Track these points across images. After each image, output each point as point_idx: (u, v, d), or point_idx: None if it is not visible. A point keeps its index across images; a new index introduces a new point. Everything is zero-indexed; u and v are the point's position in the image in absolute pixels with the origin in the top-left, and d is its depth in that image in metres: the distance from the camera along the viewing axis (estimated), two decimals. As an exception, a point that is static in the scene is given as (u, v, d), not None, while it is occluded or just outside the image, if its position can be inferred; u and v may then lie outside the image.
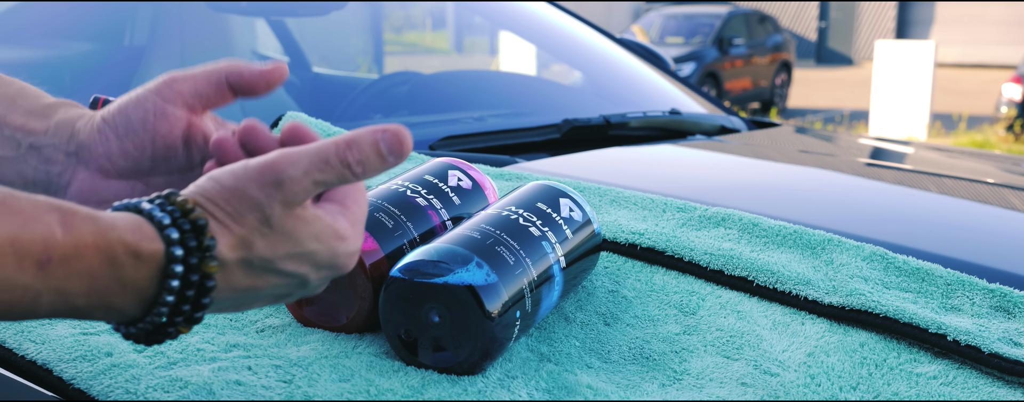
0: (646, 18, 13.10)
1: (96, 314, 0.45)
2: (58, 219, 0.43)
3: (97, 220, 0.44)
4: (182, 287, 0.45)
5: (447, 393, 0.58)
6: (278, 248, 0.48)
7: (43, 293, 0.42)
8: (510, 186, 0.98)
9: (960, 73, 17.94)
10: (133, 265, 0.44)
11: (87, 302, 0.44)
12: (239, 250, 0.47)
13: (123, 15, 1.77)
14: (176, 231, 0.45)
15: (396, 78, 2.02)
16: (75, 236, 0.43)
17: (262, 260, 0.48)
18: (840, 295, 0.72)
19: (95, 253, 0.43)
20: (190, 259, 0.45)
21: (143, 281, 0.45)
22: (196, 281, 0.45)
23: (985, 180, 1.40)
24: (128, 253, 0.44)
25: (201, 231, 0.45)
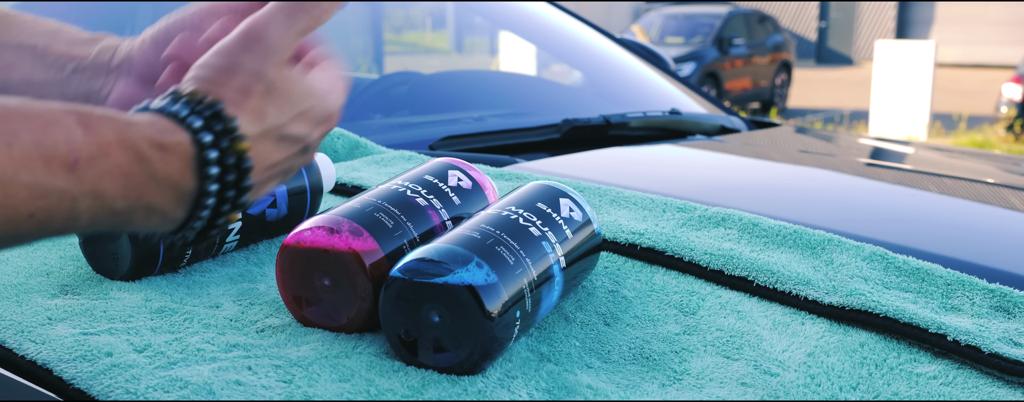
0: (646, 18, 13.10)
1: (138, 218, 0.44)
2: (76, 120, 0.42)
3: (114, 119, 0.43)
4: (222, 172, 0.45)
5: (447, 393, 0.58)
6: (285, 110, 0.48)
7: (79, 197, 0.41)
8: (510, 186, 0.98)
9: (960, 73, 17.94)
10: (161, 158, 0.44)
11: (125, 204, 0.43)
12: (256, 123, 0.47)
13: (123, 15, 1.77)
14: (198, 119, 0.45)
15: (396, 78, 2.02)
16: (97, 135, 0.42)
17: (275, 127, 0.48)
18: (840, 295, 0.72)
19: (120, 150, 0.43)
20: (221, 142, 0.45)
21: (176, 174, 0.44)
22: (233, 163, 0.45)
23: (985, 180, 1.40)
24: (153, 146, 0.44)
25: (220, 114, 0.45)
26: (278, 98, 0.48)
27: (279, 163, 0.50)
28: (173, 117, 0.45)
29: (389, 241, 0.67)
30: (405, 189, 0.73)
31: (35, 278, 0.76)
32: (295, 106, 0.49)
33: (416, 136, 1.44)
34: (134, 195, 0.43)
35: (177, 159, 0.44)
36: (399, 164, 1.10)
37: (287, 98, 0.48)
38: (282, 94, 0.48)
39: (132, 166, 0.43)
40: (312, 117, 0.50)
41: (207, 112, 0.45)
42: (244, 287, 0.75)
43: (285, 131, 0.49)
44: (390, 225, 0.68)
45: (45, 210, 0.41)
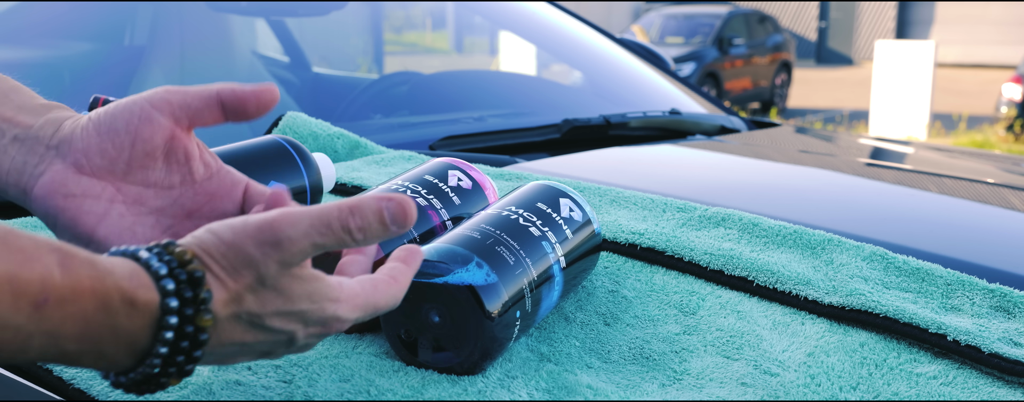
0: (646, 18, 13.10)
1: (85, 360, 0.44)
2: (57, 260, 0.42)
3: (95, 264, 0.43)
4: (176, 339, 0.45)
5: (447, 393, 0.58)
6: (268, 304, 0.48)
7: (35, 335, 0.41)
8: (510, 186, 0.98)
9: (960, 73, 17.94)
10: (127, 313, 0.43)
11: (78, 348, 0.43)
12: (231, 306, 0.47)
13: (123, 15, 1.77)
14: (172, 282, 0.45)
15: (396, 78, 2.02)
16: (73, 279, 0.42)
17: (251, 315, 0.47)
18: (840, 295, 0.72)
19: (91, 298, 0.42)
20: (185, 310, 0.45)
21: (136, 330, 0.44)
22: (190, 333, 0.45)
23: (985, 180, 1.40)
24: (123, 301, 0.43)
25: (198, 283, 0.45)
26: (267, 292, 0.47)
27: (248, 344, 0.49)
28: (152, 274, 0.45)
29: (389, 241, 0.67)
30: (405, 189, 0.73)
31: (35, 278, 0.76)
32: (284, 304, 0.48)
33: (416, 136, 1.44)
34: (89, 341, 0.43)
35: (140, 317, 0.44)
36: (399, 164, 1.10)
37: (278, 294, 0.48)
38: (273, 289, 0.47)
39: (97, 315, 0.42)
40: (303, 318, 0.49)
41: (184, 276, 0.45)
42: (244, 287, 0.75)
43: (263, 321, 0.48)
44: (390, 225, 0.68)
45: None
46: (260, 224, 0.47)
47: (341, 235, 0.47)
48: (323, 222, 0.47)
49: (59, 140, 0.56)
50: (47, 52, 1.63)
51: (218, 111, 0.57)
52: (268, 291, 0.47)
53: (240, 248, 0.46)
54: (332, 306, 0.50)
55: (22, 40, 1.63)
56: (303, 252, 0.47)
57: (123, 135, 0.55)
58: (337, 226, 0.47)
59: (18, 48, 1.61)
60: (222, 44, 1.78)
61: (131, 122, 0.55)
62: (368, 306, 0.51)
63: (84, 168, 0.56)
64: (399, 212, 0.48)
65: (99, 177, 0.56)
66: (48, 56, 1.61)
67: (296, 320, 0.49)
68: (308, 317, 0.49)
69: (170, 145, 0.57)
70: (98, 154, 0.55)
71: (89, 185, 0.55)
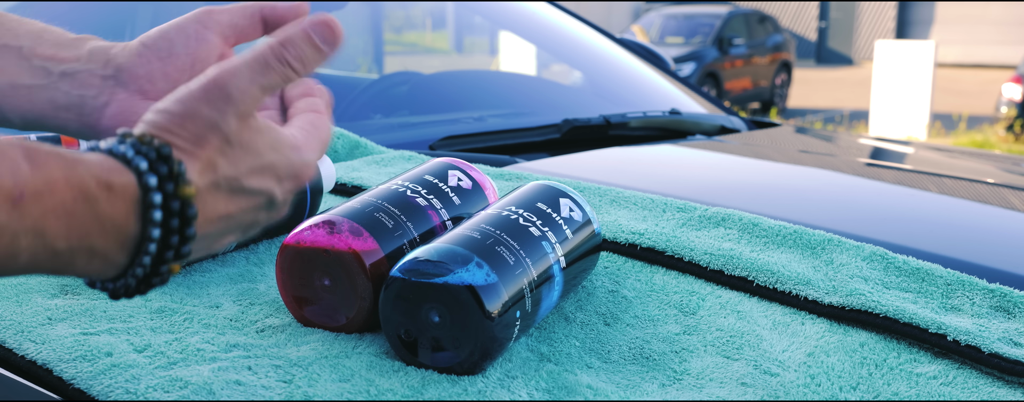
0: (646, 18, 13.10)
1: (79, 261, 0.43)
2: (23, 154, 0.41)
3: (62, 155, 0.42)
4: (165, 217, 0.44)
5: (447, 393, 0.58)
6: (241, 163, 0.47)
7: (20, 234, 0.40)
8: (510, 186, 0.98)
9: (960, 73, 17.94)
10: (107, 198, 0.42)
11: (67, 245, 0.42)
12: (207, 173, 0.46)
13: (123, 15, 1.77)
14: (144, 160, 0.44)
15: (396, 78, 2.02)
16: (44, 171, 0.41)
17: (228, 179, 0.47)
18: (840, 295, 0.72)
19: (66, 188, 0.41)
20: (166, 186, 0.44)
21: (120, 216, 0.43)
22: (177, 209, 0.44)
23: (985, 180, 1.40)
24: (100, 186, 0.42)
25: (168, 158, 0.44)
26: (234, 150, 0.47)
27: (234, 215, 0.48)
28: (120, 158, 0.44)
29: (389, 241, 0.67)
30: (405, 189, 0.73)
31: (35, 278, 0.76)
32: (255, 159, 0.48)
33: (416, 136, 1.44)
34: (77, 236, 0.42)
35: (121, 200, 0.43)
36: (399, 164, 1.10)
37: (245, 150, 0.47)
38: (240, 146, 0.47)
39: (77, 205, 0.42)
40: (276, 172, 0.49)
41: (153, 155, 0.44)
42: (244, 287, 0.75)
43: (241, 183, 0.47)
44: (390, 225, 0.68)
45: None
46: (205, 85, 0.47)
47: (282, 70, 0.48)
48: (261, 62, 0.48)
49: (115, 69, 0.57)
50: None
51: (260, 26, 0.59)
52: (235, 149, 0.47)
53: (195, 114, 0.46)
54: (296, 153, 0.50)
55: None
56: (255, 98, 0.47)
57: (183, 57, 0.57)
58: (274, 61, 0.48)
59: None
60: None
61: (188, 44, 0.57)
62: (322, 142, 0.53)
63: (149, 93, 0.56)
64: (326, 32, 0.49)
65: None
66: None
67: (270, 175, 0.49)
68: (279, 169, 0.49)
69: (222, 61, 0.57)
70: (162, 79, 0.56)
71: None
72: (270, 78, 0.48)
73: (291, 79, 0.49)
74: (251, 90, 0.47)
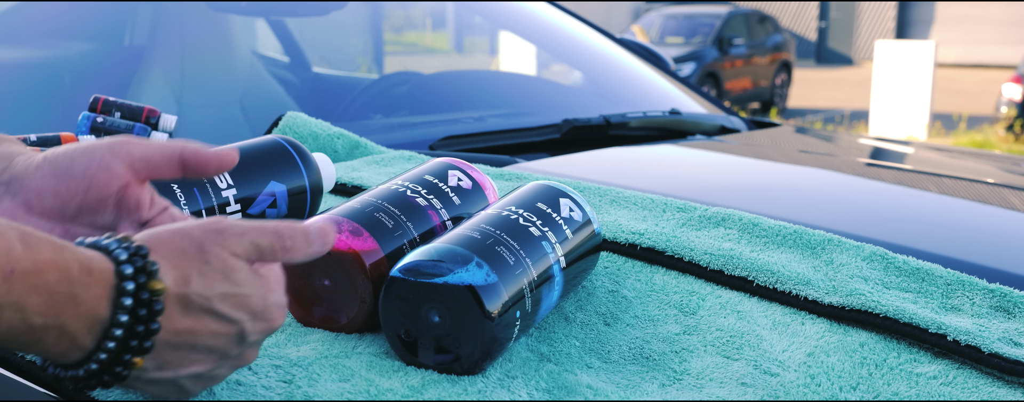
0: (646, 18, 13.10)
1: (50, 338, 0.46)
2: (17, 235, 0.44)
3: (53, 241, 0.46)
4: (135, 305, 0.47)
5: (447, 393, 0.58)
6: (215, 285, 0.50)
7: (4, 307, 0.43)
8: (510, 186, 0.98)
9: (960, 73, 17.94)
10: (85, 282, 0.46)
11: (43, 321, 0.45)
12: (180, 285, 0.49)
13: (123, 15, 1.77)
14: (124, 252, 0.48)
15: (396, 78, 2.02)
16: (34, 252, 0.44)
17: (200, 296, 0.49)
18: (840, 295, 0.72)
19: (53, 269, 0.45)
20: (139, 278, 0.47)
21: (93, 300, 0.46)
22: (146, 300, 0.47)
23: (985, 180, 1.40)
24: (82, 269, 0.46)
25: (144, 255, 0.48)
26: (212, 272, 0.50)
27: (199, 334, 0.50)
28: (103, 249, 0.48)
29: (389, 241, 0.67)
30: (405, 189, 0.73)
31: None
32: (230, 286, 0.50)
33: (416, 136, 1.44)
34: (53, 313, 0.45)
35: (98, 285, 0.46)
36: (399, 164, 1.10)
37: (223, 276, 0.50)
38: (219, 271, 0.50)
39: (59, 285, 0.45)
40: (248, 304, 0.51)
41: (132, 250, 0.48)
42: (244, 287, 0.75)
43: (210, 305, 0.50)
44: (390, 225, 0.68)
45: None
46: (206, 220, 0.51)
47: (273, 239, 0.52)
48: (261, 225, 0.52)
49: (10, 177, 0.57)
50: (47, 52, 1.63)
51: (177, 168, 0.59)
52: (213, 272, 0.50)
53: (186, 232, 0.50)
54: (268, 294, 0.52)
55: (22, 40, 1.63)
56: (243, 247, 0.51)
57: (79, 179, 0.57)
58: (272, 231, 0.52)
59: (18, 48, 1.61)
60: (222, 44, 1.78)
61: (89, 168, 0.57)
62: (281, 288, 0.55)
63: (34, 208, 0.57)
64: (321, 239, 0.54)
65: (48, 217, 0.57)
66: (48, 56, 1.61)
67: (243, 308, 0.51)
68: (252, 303, 0.51)
69: (123, 193, 0.58)
70: (51, 195, 0.57)
71: (37, 224, 0.57)
72: (263, 239, 0.52)
73: (275, 254, 0.52)
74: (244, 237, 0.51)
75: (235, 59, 1.78)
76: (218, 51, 1.76)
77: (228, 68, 1.75)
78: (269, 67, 2.01)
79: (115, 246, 0.48)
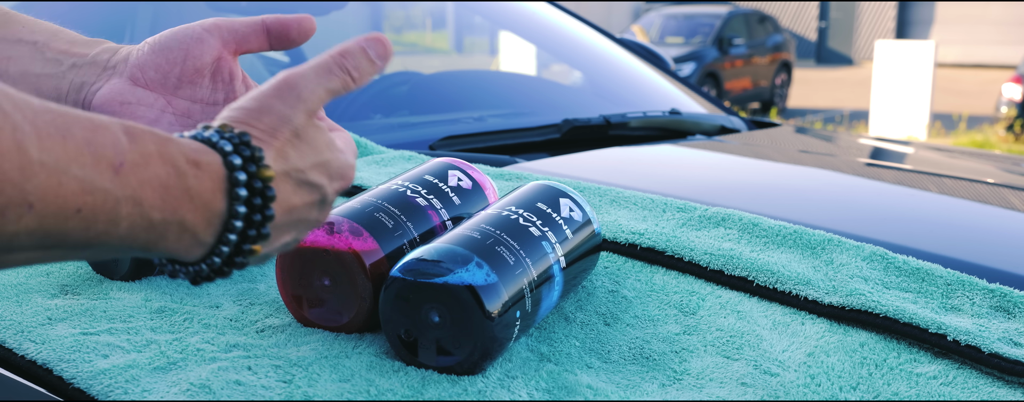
0: (646, 18, 13.10)
1: (171, 234, 0.45)
2: (122, 128, 0.44)
3: (157, 133, 0.46)
4: (250, 195, 0.47)
5: (447, 393, 0.58)
6: (306, 157, 0.51)
7: (122, 200, 0.43)
8: (510, 186, 0.98)
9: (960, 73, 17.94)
10: (196, 175, 0.46)
11: (162, 216, 0.44)
12: (280, 162, 0.50)
13: (123, 15, 1.77)
14: (228, 143, 0.48)
15: (396, 78, 2.02)
16: (140, 144, 0.44)
17: (297, 170, 0.50)
18: (840, 295, 0.72)
19: (160, 162, 0.44)
20: (249, 167, 0.47)
21: (208, 193, 0.46)
22: (259, 188, 0.48)
23: (985, 180, 1.40)
24: (189, 162, 0.46)
25: (248, 143, 0.48)
26: (302, 144, 0.51)
27: (297, 208, 0.51)
28: (206, 141, 0.48)
29: (389, 241, 0.67)
30: (405, 189, 0.73)
31: (35, 278, 0.76)
32: (317, 155, 0.52)
33: (416, 136, 1.44)
34: (170, 208, 0.45)
35: (209, 178, 0.46)
36: (399, 164, 1.10)
37: (311, 146, 0.51)
38: (306, 142, 0.51)
39: (170, 178, 0.45)
40: (330, 169, 0.53)
41: (236, 140, 0.48)
42: (244, 287, 0.75)
43: (305, 176, 0.51)
44: (390, 225, 0.68)
45: (91, 207, 0.42)
46: (276, 84, 0.51)
47: (342, 75, 0.53)
48: (325, 68, 0.52)
49: (117, 61, 0.62)
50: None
51: (264, 37, 0.63)
52: (303, 143, 0.51)
53: (270, 108, 0.50)
54: (343, 155, 0.55)
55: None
56: (320, 98, 0.52)
57: (176, 51, 0.61)
58: (336, 68, 0.52)
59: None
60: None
61: (184, 41, 0.61)
62: (354, 151, 0.58)
63: (139, 80, 0.61)
64: (380, 48, 0.54)
65: (152, 89, 0.61)
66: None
67: (324, 172, 0.53)
68: (332, 167, 0.53)
69: (217, 65, 0.63)
70: (152, 68, 0.61)
71: (143, 95, 0.61)
72: (332, 82, 0.52)
73: (349, 86, 0.53)
74: (317, 91, 0.51)
75: (235, 59, 1.78)
76: (218, 51, 1.76)
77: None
78: (269, 67, 2.01)
79: (217, 137, 0.48)
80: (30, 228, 0.40)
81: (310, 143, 0.51)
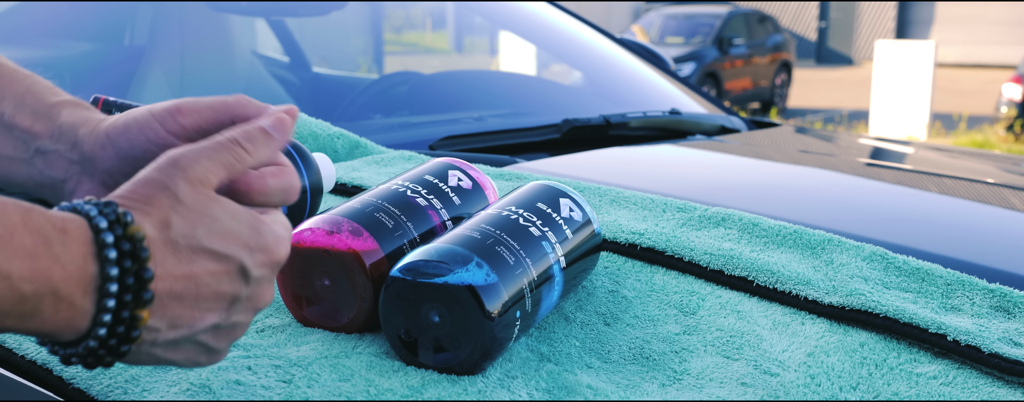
0: (646, 18, 13.10)
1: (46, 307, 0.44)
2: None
3: (19, 204, 0.45)
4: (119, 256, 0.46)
5: (447, 393, 0.58)
6: (198, 223, 0.48)
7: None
8: (510, 186, 0.98)
9: (960, 73, 17.93)
10: (62, 241, 0.45)
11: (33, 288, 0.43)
12: (162, 229, 0.47)
13: (123, 15, 1.77)
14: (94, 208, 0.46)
15: (396, 78, 2.02)
16: (5, 217, 0.43)
17: (185, 236, 0.48)
18: (840, 295, 0.72)
19: (25, 232, 0.43)
20: (115, 229, 0.46)
21: (78, 258, 0.45)
22: (129, 249, 0.46)
23: (985, 180, 1.40)
24: (56, 230, 0.45)
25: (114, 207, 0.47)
26: (188, 210, 0.48)
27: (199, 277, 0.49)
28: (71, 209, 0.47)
29: (389, 241, 0.67)
30: (405, 189, 0.73)
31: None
32: (211, 221, 0.49)
33: (416, 136, 1.44)
34: (41, 278, 0.44)
35: (77, 243, 0.45)
36: (399, 164, 1.10)
37: (201, 213, 0.49)
38: (193, 208, 0.49)
39: (37, 247, 0.44)
40: (243, 239, 0.50)
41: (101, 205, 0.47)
42: (244, 287, 0.75)
43: (201, 242, 0.48)
44: (390, 225, 0.68)
45: None
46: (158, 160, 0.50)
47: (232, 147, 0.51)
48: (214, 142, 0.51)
49: (81, 156, 0.59)
50: (47, 52, 1.63)
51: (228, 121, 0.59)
52: (189, 210, 0.48)
53: (144, 179, 0.49)
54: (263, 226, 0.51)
55: (22, 40, 1.63)
56: (206, 169, 0.49)
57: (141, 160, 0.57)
58: (226, 142, 0.51)
59: (18, 48, 1.61)
60: (222, 44, 1.78)
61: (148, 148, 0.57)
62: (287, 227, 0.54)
63: (112, 187, 0.58)
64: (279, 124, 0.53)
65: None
66: (48, 56, 1.61)
67: (234, 241, 0.50)
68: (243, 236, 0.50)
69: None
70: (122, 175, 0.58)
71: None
72: (221, 155, 0.50)
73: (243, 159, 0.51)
74: (201, 161, 0.49)
75: (235, 59, 1.78)
76: (218, 51, 1.76)
77: (228, 68, 1.75)
78: (269, 67, 2.01)
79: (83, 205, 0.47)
80: None
81: (201, 211, 0.49)
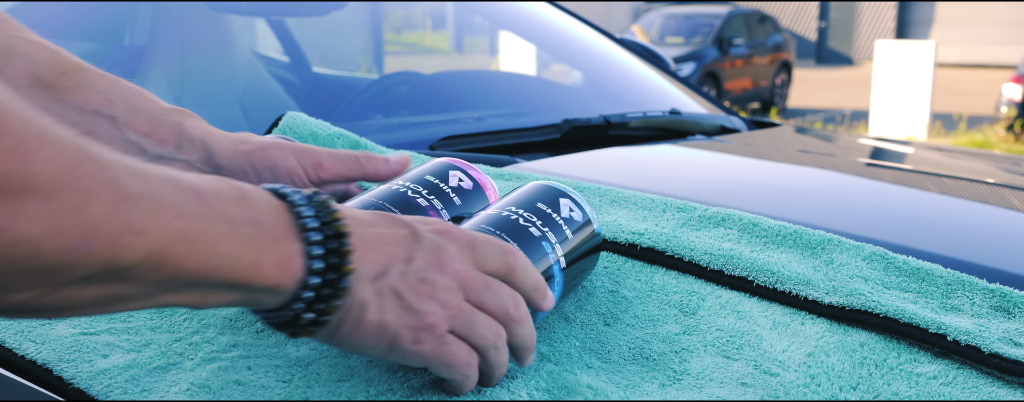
0: (646, 18, 13.10)
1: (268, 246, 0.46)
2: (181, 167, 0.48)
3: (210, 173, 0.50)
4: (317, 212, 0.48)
5: (447, 393, 0.58)
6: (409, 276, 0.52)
7: (213, 219, 0.44)
8: (510, 186, 0.98)
9: (960, 73, 17.94)
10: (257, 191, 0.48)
11: (253, 231, 0.45)
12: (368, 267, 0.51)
13: (123, 15, 1.77)
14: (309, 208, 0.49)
15: (396, 78, 2.02)
16: (203, 176, 0.46)
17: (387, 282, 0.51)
18: (840, 295, 0.72)
19: (225, 185, 0.46)
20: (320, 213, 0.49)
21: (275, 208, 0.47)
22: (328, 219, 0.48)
23: (985, 180, 1.40)
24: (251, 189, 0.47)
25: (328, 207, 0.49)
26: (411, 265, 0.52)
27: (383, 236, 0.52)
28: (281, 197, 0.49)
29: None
30: (406, 189, 0.73)
31: (35, 278, 0.76)
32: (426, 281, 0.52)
33: (416, 136, 1.44)
34: (262, 222, 0.46)
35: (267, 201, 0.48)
36: (399, 164, 1.09)
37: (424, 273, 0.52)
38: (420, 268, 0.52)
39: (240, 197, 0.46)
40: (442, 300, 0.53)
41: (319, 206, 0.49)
42: (244, 287, 0.75)
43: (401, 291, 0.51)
44: (390, 225, 0.68)
45: (194, 229, 0.43)
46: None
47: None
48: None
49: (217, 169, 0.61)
50: (47, 52, 1.62)
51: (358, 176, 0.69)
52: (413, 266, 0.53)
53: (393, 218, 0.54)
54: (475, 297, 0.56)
55: (22, 40, 1.62)
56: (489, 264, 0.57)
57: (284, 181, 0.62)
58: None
59: (18, 48, 1.61)
60: (222, 44, 1.78)
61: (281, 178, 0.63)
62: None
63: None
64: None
65: None
66: (48, 56, 1.61)
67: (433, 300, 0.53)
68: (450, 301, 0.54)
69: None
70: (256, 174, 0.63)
71: None
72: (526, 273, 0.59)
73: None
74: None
75: (235, 59, 1.78)
76: (218, 51, 1.76)
77: (228, 68, 1.75)
78: (269, 67, 2.01)
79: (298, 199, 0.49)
80: (143, 255, 0.40)
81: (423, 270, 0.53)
